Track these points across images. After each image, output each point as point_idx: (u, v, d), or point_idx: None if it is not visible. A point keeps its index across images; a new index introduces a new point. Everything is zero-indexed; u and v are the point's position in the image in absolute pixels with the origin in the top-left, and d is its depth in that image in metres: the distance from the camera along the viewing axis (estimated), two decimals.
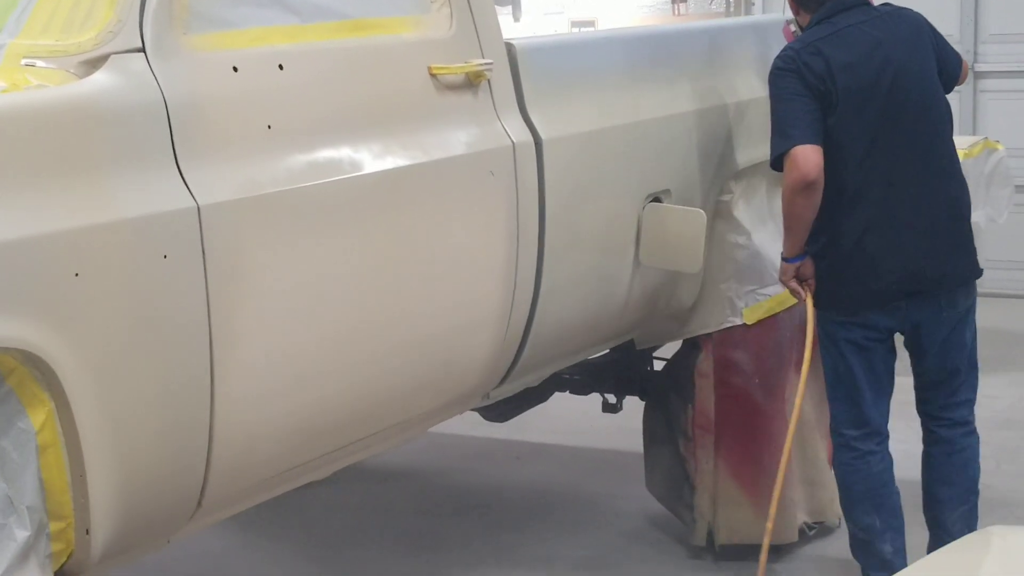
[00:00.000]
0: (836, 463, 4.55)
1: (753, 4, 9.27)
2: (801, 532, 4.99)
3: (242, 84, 3.04)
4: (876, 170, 4.26)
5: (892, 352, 4.44)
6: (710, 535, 4.91)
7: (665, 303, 4.69)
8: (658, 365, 5.23)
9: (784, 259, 4.41)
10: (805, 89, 4.22)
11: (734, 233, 4.82)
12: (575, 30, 10.11)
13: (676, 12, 9.52)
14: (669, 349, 5.09)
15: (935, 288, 4.34)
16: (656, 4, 9.73)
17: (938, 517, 4.49)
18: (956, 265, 4.37)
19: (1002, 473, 5.67)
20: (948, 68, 4.43)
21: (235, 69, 3.03)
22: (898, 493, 4.48)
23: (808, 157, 4.16)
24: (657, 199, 4.39)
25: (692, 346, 4.90)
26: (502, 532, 5.31)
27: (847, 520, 4.54)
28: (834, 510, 5.11)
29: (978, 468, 4.54)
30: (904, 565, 4.29)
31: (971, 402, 4.54)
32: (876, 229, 4.28)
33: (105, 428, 2.73)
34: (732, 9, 9.40)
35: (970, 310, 4.47)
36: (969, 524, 4.46)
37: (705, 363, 4.85)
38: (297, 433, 3.23)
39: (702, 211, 4.39)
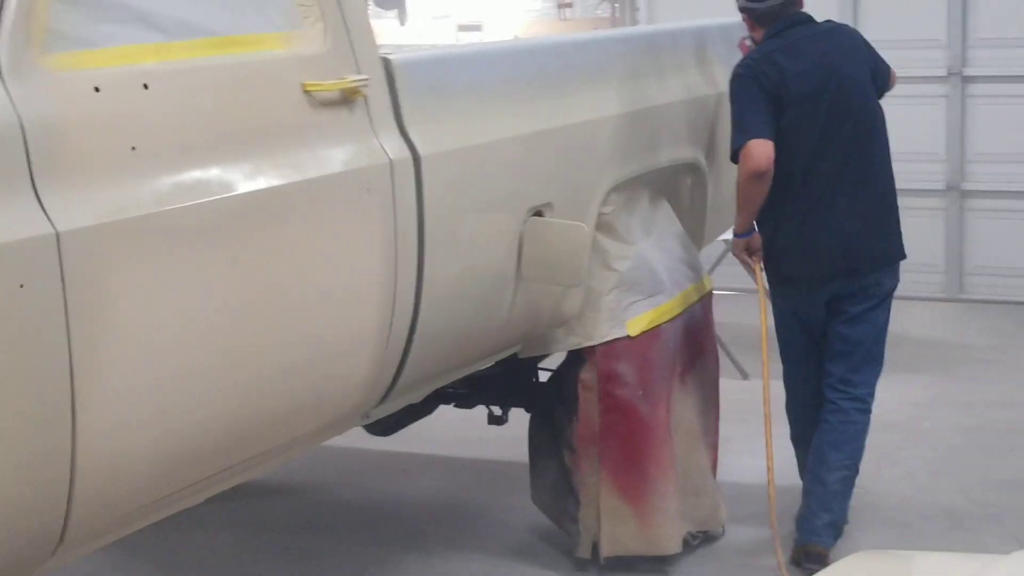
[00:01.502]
0: (790, 408, 5.25)
1: (638, 10, 9.29)
2: (685, 542, 4.99)
3: (104, 105, 2.94)
4: (820, 163, 4.91)
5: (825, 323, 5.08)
6: (595, 548, 4.89)
7: (549, 316, 4.66)
8: (544, 376, 5.21)
9: (736, 235, 5.07)
10: (762, 93, 4.85)
11: (616, 245, 4.81)
12: (461, 34, 10.06)
13: (562, 17, 9.50)
14: (554, 360, 5.07)
15: (867, 267, 4.98)
16: (542, 9, 9.72)
17: (820, 475, 4.99)
18: (886, 247, 5.04)
19: (881, 477, 5.73)
20: (879, 78, 5.10)
21: (97, 89, 2.93)
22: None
23: (761, 150, 4.79)
24: (539, 213, 4.35)
25: (576, 358, 4.87)
26: (388, 547, 5.25)
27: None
28: (718, 519, 5.14)
29: (863, 445, 5.08)
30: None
31: (870, 386, 5.11)
32: (818, 214, 4.92)
33: None
34: (617, 15, 9.40)
35: (889, 295, 5.09)
36: (845, 488, 5.03)
37: (589, 375, 4.82)
38: (167, 461, 3.15)
39: (583, 225, 4.36)
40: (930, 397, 6.88)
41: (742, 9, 5.09)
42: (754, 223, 5.03)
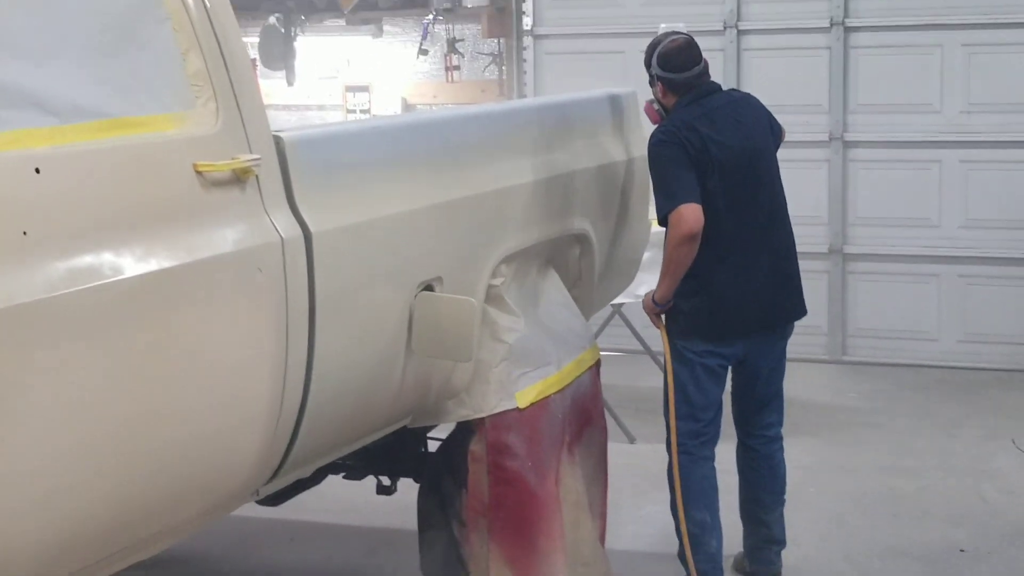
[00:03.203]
0: (680, 468, 5.25)
1: (525, 72, 9.38)
2: None
3: None
4: (736, 225, 5.14)
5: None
6: None
7: (439, 388, 4.67)
8: (433, 445, 5.22)
9: (656, 302, 5.25)
10: (686, 159, 5.05)
11: (506, 317, 4.84)
12: (349, 94, 10.08)
13: (449, 79, 9.56)
14: (443, 429, 5.08)
15: (781, 321, 5.34)
16: (430, 71, 9.76)
17: (759, 516, 5.47)
18: (795, 302, 5.38)
19: None
20: (778, 140, 5.46)
21: None
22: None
23: (692, 214, 5.00)
24: (429, 287, 4.38)
25: (466, 429, 4.88)
26: None
27: (686, 519, 5.26)
28: None
29: (786, 474, 5.52)
30: (722, 562, 5.30)
31: (781, 421, 5.52)
32: (739, 272, 5.17)
33: None
34: (504, 76, 9.48)
35: (786, 344, 5.44)
36: (781, 523, 5.50)
37: (478, 447, 4.83)
38: (52, 548, 3.11)
39: (471, 300, 4.39)
40: (815, 461, 6.98)
41: (659, 78, 5.27)
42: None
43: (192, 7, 3.61)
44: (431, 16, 9.34)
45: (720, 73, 8.78)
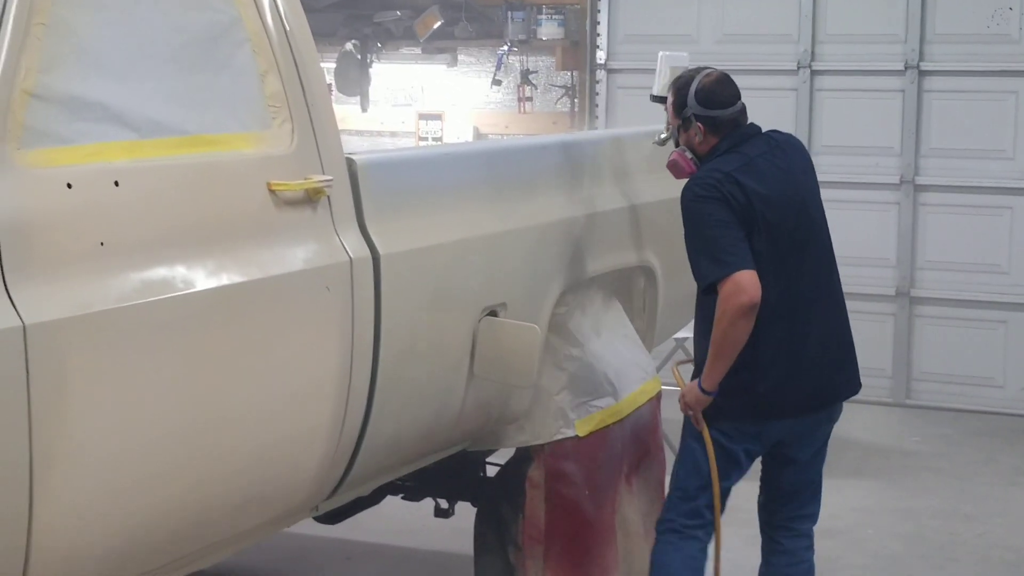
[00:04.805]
0: (660, 545, 4.60)
1: (597, 105, 9.44)
2: None
3: (76, 201, 3.02)
4: (783, 291, 4.43)
5: None
6: None
7: (499, 413, 4.72)
8: (492, 470, 5.26)
9: (704, 391, 4.44)
10: (732, 216, 4.35)
11: (568, 345, 4.88)
12: (422, 122, 10.17)
13: (522, 110, 9.62)
14: (502, 455, 5.12)
15: (831, 402, 4.62)
16: (502, 101, 9.83)
17: None
18: (848, 376, 4.67)
19: None
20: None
21: (69, 186, 3.01)
22: None
23: (750, 282, 4.28)
24: (493, 312, 4.43)
25: (524, 455, 4.93)
26: None
27: None
28: None
29: None
30: None
31: (815, 516, 4.76)
32: (787, 348, 4.46)
33: None
34: (576, 109, 9.55)
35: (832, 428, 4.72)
36: None
37: (537, 473, 4.87)
38: (120, 551, 3.19)
39: (536, 327, 4.44)
40: (873, 503, 6.95)
41: (700, 118, 4.54)
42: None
43: (272, 30, 3.69)
44: (506, 47, 9.42)
45: (792, 113, 8.82)
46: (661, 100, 4.95)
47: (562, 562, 4.86)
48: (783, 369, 4.46)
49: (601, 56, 9.43)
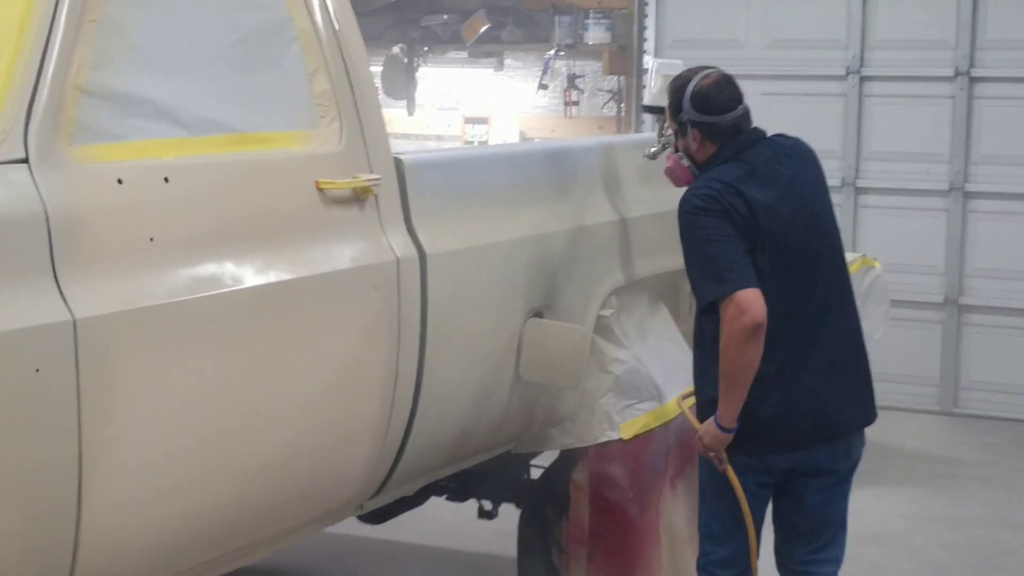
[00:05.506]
0: None
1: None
2: None
3: (126, 196, 3.05)
4: (788, 311, 4.10)
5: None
6: None
7: (544, 415, 4.72)
8: (536, 472, 5.26)
9: (722, 428, 4.08)
10: (734, 230, 4.03)
11: (613, 348, 4.88)
12: (468, 126, 10.19)
13: (568, 114, 9.62)
14: (547, 457, 5.12)
15: (842, 432, 4.23)
16: (548, 105, 9.84)
17: None
18: (860, 407, 4.30)
19: None
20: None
21: (120, 181, 3.04)
22: None
23: (754, 301, 3.96)
24: (539, 314, 4.43)
25: (569, 457, 4.92)
26: None
27: None
28: None
29: None
30: None
31: (838, 561, 4.34)
32: (792, 373, 4.13)
33: None
34: (623, 114, 9.53)
35: (857, 463, 4.33)
36: None
37: (581, 475, 4.86)
38: (166, 545, 3.20)
39: (582, 328, 4.44)
40: (920, 511, 6.91)
41: (696, 124, 4.21)
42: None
43: (322, 29, 3.71)
44: (553, 51, 9.43)
45: (841, 119, 8.78)
46: (652, 110, 4.85)
47: (605, 565, 4.85)
48: (784, 397, 4.11)
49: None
